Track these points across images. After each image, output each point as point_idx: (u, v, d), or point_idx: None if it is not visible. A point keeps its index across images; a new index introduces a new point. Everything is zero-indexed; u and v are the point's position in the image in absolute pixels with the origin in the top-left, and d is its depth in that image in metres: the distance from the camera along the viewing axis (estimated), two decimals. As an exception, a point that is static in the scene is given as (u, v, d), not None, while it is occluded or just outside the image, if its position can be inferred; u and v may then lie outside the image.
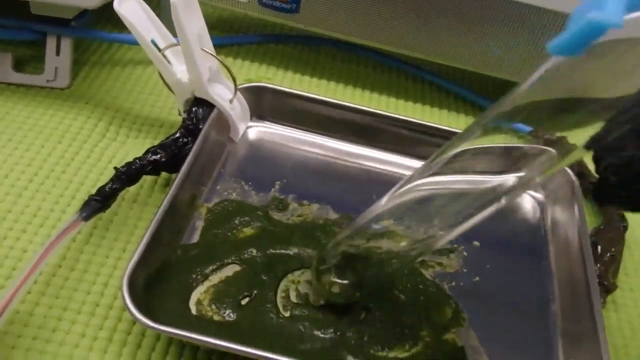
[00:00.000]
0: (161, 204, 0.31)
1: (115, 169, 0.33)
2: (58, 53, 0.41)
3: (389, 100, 0.48)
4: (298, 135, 0.40)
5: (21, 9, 0.39)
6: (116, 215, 0.34)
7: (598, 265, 0.35)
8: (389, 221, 0.28)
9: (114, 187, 0.32)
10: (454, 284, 0.33)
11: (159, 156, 0.34)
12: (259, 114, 0.41)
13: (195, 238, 0.33)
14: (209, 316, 0.29)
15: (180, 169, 0.33)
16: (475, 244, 0.36)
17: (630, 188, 0.19)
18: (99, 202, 0.31)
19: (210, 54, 0.35)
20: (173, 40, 0.35)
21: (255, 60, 0.49)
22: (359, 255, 0.28)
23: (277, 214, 0.35)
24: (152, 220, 0.30)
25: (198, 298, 0.30)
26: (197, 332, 0.26)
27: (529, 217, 0.39)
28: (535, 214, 0.39)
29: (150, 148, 0.35)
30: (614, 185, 0.20)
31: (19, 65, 0.42)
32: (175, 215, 0.32)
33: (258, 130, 0.40)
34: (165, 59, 0.35)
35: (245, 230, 0.34)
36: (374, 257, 0.28)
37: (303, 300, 0.31)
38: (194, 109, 0.36)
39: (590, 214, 0.41)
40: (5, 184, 0.35)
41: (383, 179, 0.39)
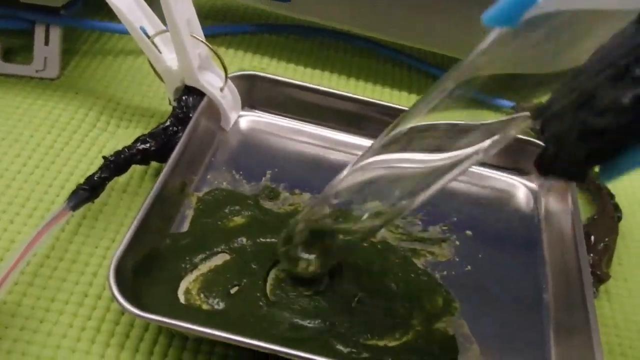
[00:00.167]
0: (150, 191, 0.30)
1: (104, 158, 0.33)
2: (47, 42, 0.40)
3: (383, 89, 0.47)
4: (290, 124, 0.40)
5: (9, -4, 0.39)
6: (106, 205, 0.34)
7: (591, 255, 0.35)
8: (345, 194, 0.27)
9: (102, 177, 0.32)
10: (446, 273, 0.33)
11: (149, 145, 0.34)
12: (251, 102, 0.40)
13: (185, 227, 0.33)
14: (197, 305, 0.29)
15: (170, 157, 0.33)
16: (468, 233, 0.35)
17: (565, 158, 0.19)
18: (87, 192, 0.31)
19: (200, 40, 0.35)
20: (162, 27, 0.35)
21: (248, 50, 0.48)
22: (324, 231, 0.29)
23: (268, 203, 0.35)
24: (141, 208, 0.29)
25: (187, 287, 0.30)
26: (186, 321, 0.26)
27: (523, 207, 0.38)
28: (528, 204, 0.39)
29: (140, 137, 0.34)
30: (553, 155, 0.20)
31: (7, 55, 0.41)
32: (164, 204, 0.31)
33: (249, 119, 0.40)
34: (155, 46, 0.35)
35: (236, 219, 0.33)
36: (339, 231, 0.28)
37: (293, 289, 0.30)
38: (184, 98, 0.36)
39: (584, 204, 0.41)
40: (-7, 174, 0.34)
41: (375, 168, 0.38)
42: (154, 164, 0.36)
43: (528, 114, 0.22)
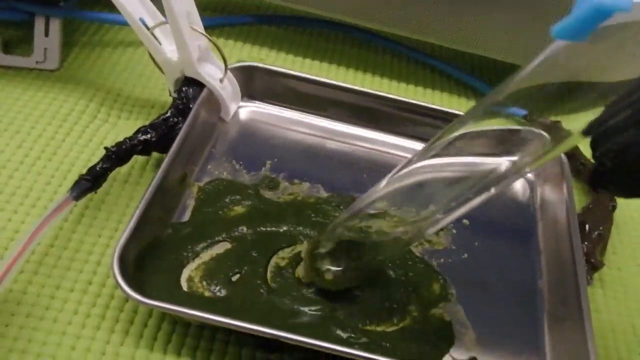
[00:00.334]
0: (151, 182, 0.31)
1: (105, 148, 0.33)
2: (47, 34, 0.40)
3: (381, 80, 0.48)
4: (289, 114, 0.41)
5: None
6: (108, 195, 0.34)
7: (586, 244, 0.36)
8: (382, 202, 0.28)
9: (104, 167, 0.32)
10: (443, 260, 0.34)
11: (149, 136, 0.34)
12: (250, 93, 0.41)
13: (186, 217, 0.33)
14: (199, 292, 0.29)
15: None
16: (465, 222, 0.36)
17: (625, 174, 0.19)
18: (89, 182, 0.31)
19: (199, 32, 0.35)
20: (162, 18, 0.35)
21: (247, 42, 0.49)
22: (353, 242, 0.29)
23: (268, 192, 0.35)
24: (143, 199, 0.30)
25: (189, 275, 0.30)
26: (189, 308, 0.27)
27: (519, 196, 0.39)
28: (525, 193, 0.39)
29: (141, 128, 0.35)
30: (610, 170, 0.20)
31: (7, 47, 0.41)
32: (165, 194, 0.32)
33: (249, 110, 0.40)
34: (155, 38, 0.35)
35: (236, 208, 0.34)
36: (367, 244, 0.28)
37: (293, 276, 0.31)
38: (184, 89, 0.36)
39: (579, 194, 0.41)
40: (-4, 165, 0.35)
41: (374, 158, 0.39)
42: (155, 154, 0.36)
43: (547, 135, 0.22)
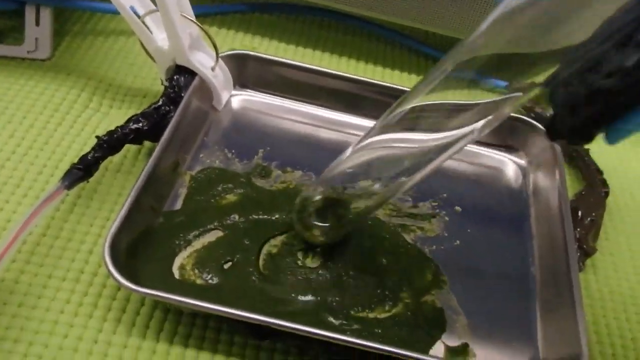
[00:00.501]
0: (143, 170, 0.31)
1: (97, 137, 0.33)
2: (38, 23, 0.40)
3: (374, 68, 0.48)
4: (281, 103, 0.40)
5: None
6: (100, 184, 0.34)
7: (578, 230, 0.36)
8: (367, 182, 0.28)
9: (96, 156, 0.32)
10: (435, 248, 0.34)
11: (141, 124, 0.34)
12: (242, 82, 0.40)
13: (178, 205, 0.33)
14: (192, 280, 0.29)
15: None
16: (457, 209, 0.36)
17: (573, 121, 0.21)
18: (81, 171, 0.31)
19: (189, 19, 0.35)
20: (152, 6, 0.35)
21: (240, 30, 0.48)
22: (335, 199, 0.29)
23: (260, 180, 0.35)
24: (134, 187, 0.30)
25: (181, 263, 0.30)
26: (181, 295, 0.27)
27: (512, 183, 0.39)
28: (517, 180, 0.39)
29: (132, 117, 0.34)
30: (562, 118, 0.21)
31: (-2, 36, 0.41)
32: (157, 182, 0.32)
33: (241, 99, 0.40)
34: (145, 26, 0.35)
35: (228, 197, 0.34)
36: (352, 200, 0.29)
37: (285, 263, 0.31)
38: (175, 77, 0.36)
39: (573, 180, 0.41)
40: (-13, 155, 0.35)
41: (366, 146, 0.39)
42: (147, 143, 0.36)
43: (521, 94, 0.23)
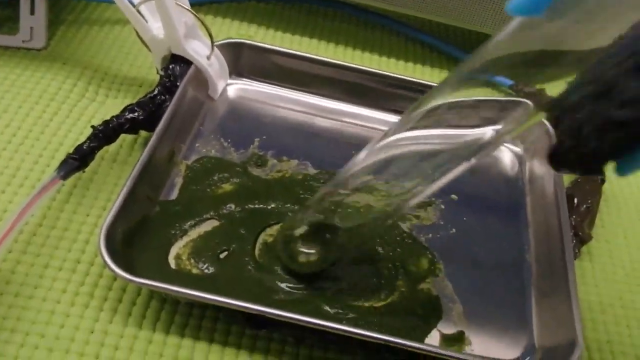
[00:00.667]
0: (138, 159, 0.31)
1: (92, 127, 0.33)
2: (33, 12, 0.40)
3: (371, 56, 0.47)
4: (277, 92, 0.40)
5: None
6: (96, 174, 0.34)
7: (574, 217, 0.36)
8: (367, 176, 0.28)
9: (91, 146, 0.32)
10: (431, 236, 0.34)
11: (137, 114, 0.34)
12: (238, 71, 0.40)
13: (174, 195, 0.33)
14: (188, 270, 0.30)
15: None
16: (453, 197, 0.36)
17: (582, 151, 0.19)
18: (77, 161, 0.31)
19: (184, 8, 0.35)
20: (147, -5, 0.35)
21: (236, 18, 0.48)
22: (328, 224, 0.29)
23: (256, 170, 0.35)
24: (130, 177, 0.30)
25: (177, 253, 0.30)
26: (177, 285, 0.27)
27: (508, 171, 0.39)
28: (513, 168, 0.39)
29: (128, 106, 0.34)
30: (568, 148, 0.19)
31: (-7, 26, 0.41)
32: (153, 172, 0.32)
33: (237, 88, 0.40)
34: (141, 15, 0.35)
35: (224, 186, 0.34)
36: (343, 226, 0.28)
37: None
38: (171, 66, 0.36)
39: (569, 167, 0.41)
40: (-17, 145, 0.35)
41: (363, 134, 0.39)
42: (143, 133, 0.36)
43: (530, 102, 0.22)
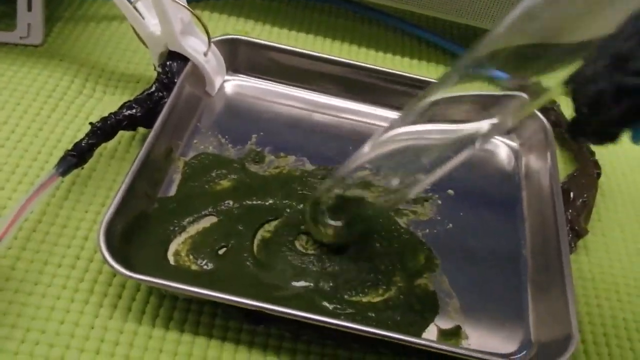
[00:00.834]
0: (136, 156, 0.31)
1: (90, 124, 0.33)
2: (30, 9, 0.40)
3: (367, 51, 0.48)
4: (275, 88, 0.40)
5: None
6: (94, 171, 0.35)
7: (570, 211, 0.36)
8: (364, 172, 0.28)
9: (89, 142, 0.32)
10: (428, 231, 0.34)
11: (134, 111, 0.34)
12: (235, 67, 0.40)
13: (172, 191, 0.33)
14: (186, 266, 0.30)
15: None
16: (450, 192, 0.36)
17: (599, 119, 0.20)
18: (75, 157, 0.31)
19: (181, 4, 0.35)
20: (144, -8, 0.35)
21: (233, 14, 0.48)
22: (351, 197, 0.29)
23: (254, 166, 0.35)
24: (128, 173, 0.30)
25: (176, 249, 0.30)
26: (176, 281, 0.27)
27: (504, 166, 0.39)
28: (510, 162, 0.39)
29: (126, 103, 0.35)
30: (586, 117, 0.20)
31: (-10, 23, 0.41)
32: (151, 168, 0.32)
33: (234, 84, 0.40)
34: (137, 11, 0.35)
35: (222, 182, 0.34)
36: (364, 199, 0.29)
37: (279, 248, 0.31)
38: (168, 63, 0.36)
39: (565, 161, 0.42)
40: (-19, 142, 0.35)
41: (360, 130, 0.39)
42: (141, 129, 0.36)
43: (526, 96, 0.22)
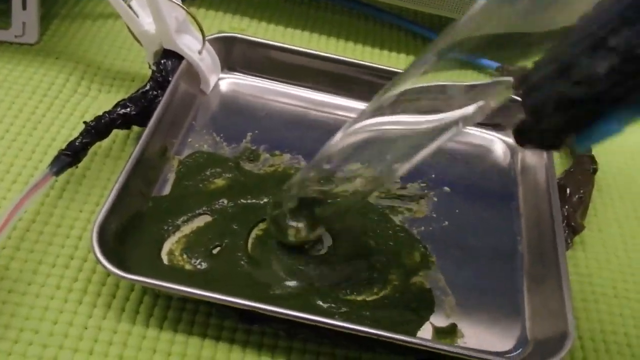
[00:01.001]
0: (131, 155, 0.31)
1: (84, 123, 0.33)
2: (25, 7, 0.40)
3: (363, 48, 0.47)
4: (269, 85, 0.40)
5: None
6: (89, 170, 0.35)
7: (566, 207, 0.36)
8: (355, 165, 0.28)
9: (84, 142, 0.32)
10: (423, 228, 0.34)
11: (129, 109, 0.34)
12: (230, 65, 0.40)
13: (166, 190, 0.33)
14: (180, 266, 0.30)
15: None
16: (446, 189, 0.36)
17: (542, 128, 0.19)
18: (69, 157, 0.31)
19: (175, 2, 0.34)
20: (137, -10, 0.35)
21: (228, 11, 0.48)
22: (314, 198, 0.29)
23: (249, 164, 0.35)
24: (122, 172, 0.30)
25: (170, 248, 0.30)
26: (169, 281, 0.27)
27: (500, 162, 0.39)
28: (505, 159, 0.39)
29: (120, 101, 0.34)
30: (530, 125, 0.20)
31: (-15, 21, 0.41)
32: (146, 167, 0.32)
33: (229, 82, 0.40)
34: (131, 9, 0.35)
35: (217, 181, 0.34)
36: (329, 199, 0.29)
37: (274, 247, 0.31)
38: (162, 61, 0.36)
39: (561, 157, 0.41)
40: (-25, 142, 0.35)
41: (355, 127, 0.39)
42: (136, 128, 0.36)
43: (511, 79, 0.22)
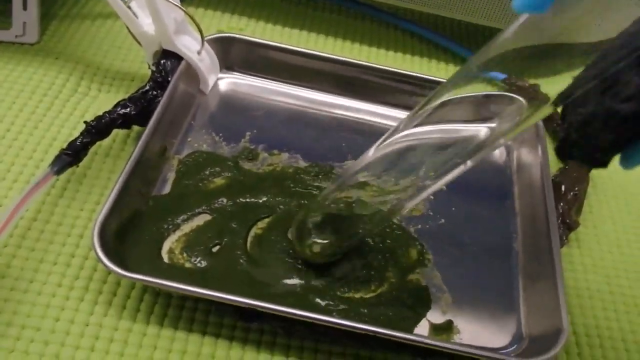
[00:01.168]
0: (131, 154, 0.31)
1: (85, 122, 0.33)
2: (25, 7, 0.40)
3: (361, 48, 0.48)
4: (268, 85, 0.41)
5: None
6: (89, 169, 0.35)
7: (561, 204, 0.36)
8: (363, 173, 0.28)
9: (84, 141, 0.33)
10: (420, 226, 0.34)
11: (129, 109, 0.34)
12: (229, 65, 0.41)
13: (166, 189, 0.33)
14: (180, 264, 0.30)
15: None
16: (442, 188, 0.36)
17: (587, 145, 0.20)
18: (70, 156, 0.32)
19: (173, 4, 0.35)
20: (137, -9, 0.35)
21: (227, 11, 0.48)
22: (340, 216, 0.29)
23: (248, 163, 0.36)
24: (122, 172, 0.30)
25: (170, 247, 0.31)
26: (169, 280, 0.27)
27: (496, 160, 0.39)
28: (501, 157, 0.40)
29: (120, 101, 0.35)
30: (575, 141, 0.20)
31: (-15, 22, 0.41)
32: (146, 167, 0.32)
33: (228, 82, 0.40)
34: (131, 11, 0.35)
35: (216, 180, 0.34)
36: (352, 218, 0.29)
37: (272, 246, 0.32)
38: (162, 62, 0.36)
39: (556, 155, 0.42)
40: (-23, 141, 0.35)
41: (352, 126, 0.39)
42: (136, 128, 0.36)
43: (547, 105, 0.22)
